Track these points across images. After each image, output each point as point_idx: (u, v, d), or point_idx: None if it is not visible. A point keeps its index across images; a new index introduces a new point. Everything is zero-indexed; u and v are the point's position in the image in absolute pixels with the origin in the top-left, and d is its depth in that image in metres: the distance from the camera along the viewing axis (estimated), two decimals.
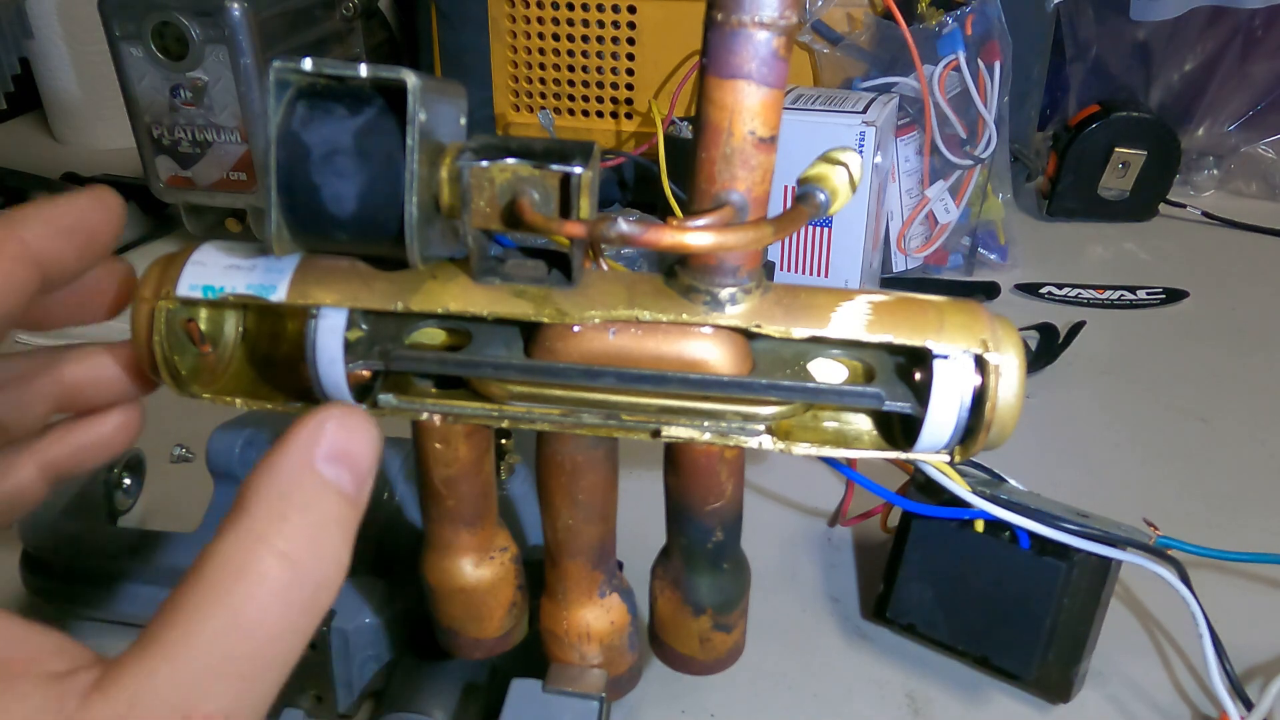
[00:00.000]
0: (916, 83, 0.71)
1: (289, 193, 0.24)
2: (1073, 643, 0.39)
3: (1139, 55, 0.97)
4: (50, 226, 0.25)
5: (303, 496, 0.20)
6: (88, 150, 1.07)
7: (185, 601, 0.19)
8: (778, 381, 0.27)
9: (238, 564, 0.19)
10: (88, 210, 0.26)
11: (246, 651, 0.19)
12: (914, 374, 0.28)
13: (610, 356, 0.27)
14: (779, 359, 0.29)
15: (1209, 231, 0.89)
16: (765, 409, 0.28)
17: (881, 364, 0.28)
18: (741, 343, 0.28)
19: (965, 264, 0.79)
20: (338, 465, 0.21)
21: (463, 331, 0.29)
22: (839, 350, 0.29)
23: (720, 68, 0.24)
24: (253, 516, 0.20)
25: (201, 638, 0.19)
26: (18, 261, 0.24)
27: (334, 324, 0.27)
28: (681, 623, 0.33)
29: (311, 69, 0.24)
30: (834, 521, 0.52)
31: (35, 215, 0.25)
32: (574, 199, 0.25)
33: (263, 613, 0.19)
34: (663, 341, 0.27)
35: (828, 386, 0.27)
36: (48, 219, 0.25)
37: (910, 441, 0.28)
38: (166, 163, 0.73)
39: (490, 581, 0.33)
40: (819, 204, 0.25)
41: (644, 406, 0.28)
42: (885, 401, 0.27)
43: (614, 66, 0.84)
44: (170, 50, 0.69)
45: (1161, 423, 0.61)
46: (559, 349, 0.27)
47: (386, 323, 0.29)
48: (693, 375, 0.27)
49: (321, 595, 0.20)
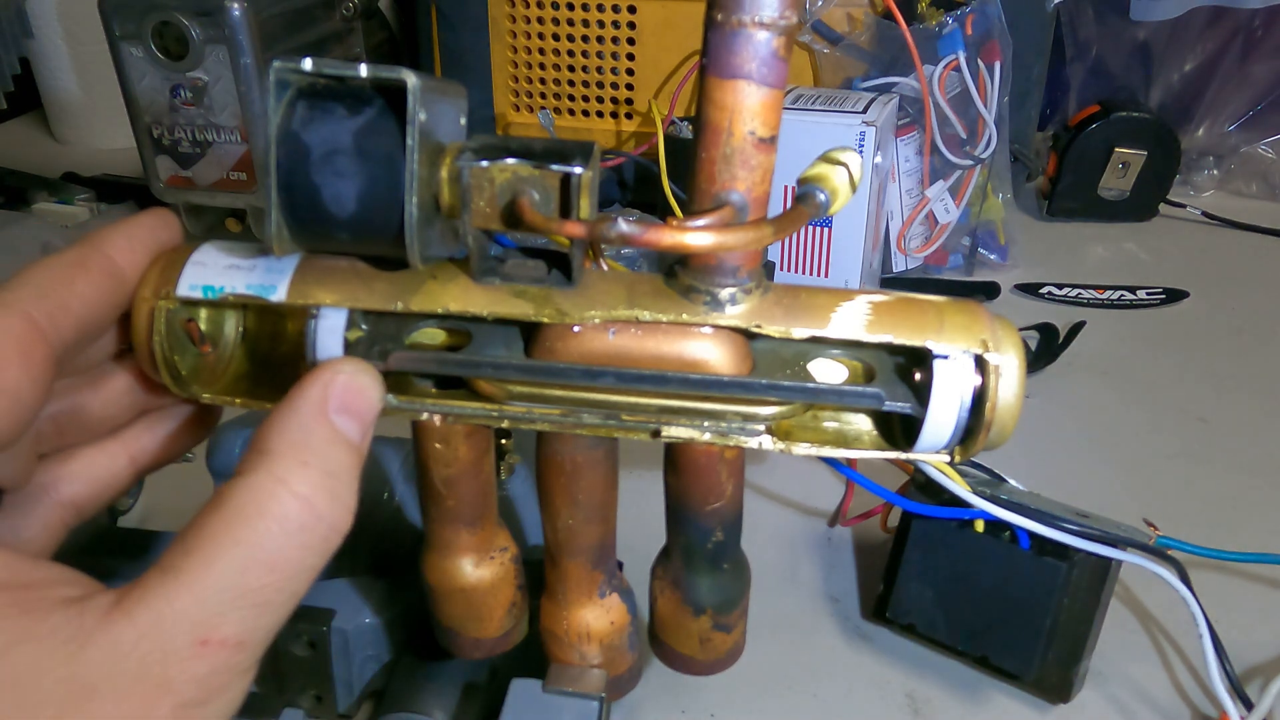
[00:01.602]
0: (916, 83, 0.71)
1: (289, 193, 0.24)
2: (1073, 643, 0.39)
3: (1139, 55, 0.97)
4: (130, 241, 0.27)
5: (319, 444, 0.22)
6: (88, 150, 1.07)
7: (206, 533, 0.20)
8: (777, 382, 0.27)
9: (259, 503, 0.21)
10: (158, 227, 0.28)
11: (264, 584, 0.20)
12: (914, 374, 0.28)
13: (610, 356, 0.27)
14: (779, 359, 0.29)
15: (1209, 231, 0.89)
16: (765, 409, 0.28)
17: (881, 364, 0.28)
18: (741, 343, 0.28)
19: (965, 264, 0.79)
20: (348, 416, 0.23)
21: (463, 332, 0.29)
22: (839, 350, 0.29)
23: (720, 68, 0.24)
24: (273, 459, 0.21)
25: (223, 568, 0.20)
26: (107, 275, 0.26)
27: (334, 324, 0.27)
28: (681, 623, 0.33)
29: (311, 69, 0.24)
30: (834, 521, 0.52)
31: (116, 232, 0.27)
32: (574, 199, 0.25)
33: (281, 549, 0.21)
34: (662, 342, 0.27)
35: (828, 387, 0.27)
36: (127, 234, 0.27)
37: (910, 442, 0.28)
38: (166, 163, 0.73)
39: (490, 581, 0.33)
40: (819, 204, 0.25)
41: (643, 407, 0.28)
42: (885, 402, 0.27)
43: (614, 66, 0.84)
44: (170, 50, 0.69)
45: (1161, 423, 0.61)
46: (559, 349, 0.27)
47: (386, 323, 0.29)
48: (693, 375, 0.27)
49: (333, 537, 0.22)
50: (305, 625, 0.37)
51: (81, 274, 0.26)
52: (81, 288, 0.25)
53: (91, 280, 0.26)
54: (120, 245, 0.27)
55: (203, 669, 0.20)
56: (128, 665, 0.19)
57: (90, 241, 0.26)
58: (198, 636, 0.20)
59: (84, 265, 0.26)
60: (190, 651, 0.20)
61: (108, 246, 0.26)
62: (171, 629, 0.19)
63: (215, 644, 0.20)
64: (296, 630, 0.37)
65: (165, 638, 0.19)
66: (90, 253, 0.26)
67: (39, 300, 0.24)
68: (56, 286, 0.25)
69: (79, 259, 0.26)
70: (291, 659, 0.37)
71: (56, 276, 0.25)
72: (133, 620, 0.19)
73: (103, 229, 0.27)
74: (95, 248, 0.26)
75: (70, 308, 0.25)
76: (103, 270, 0.26)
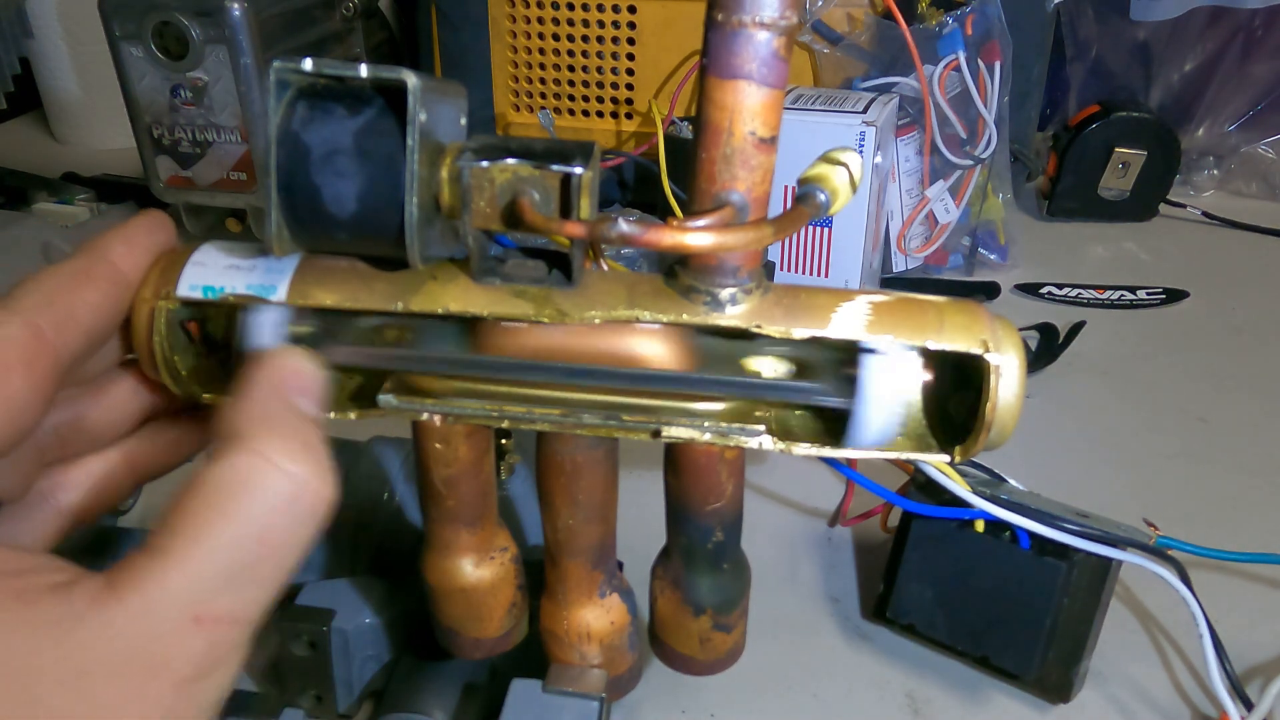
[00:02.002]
0: (916, 83, 0.71)
1: (289, 193, 0.24)
2: (1073, 643, 0.39)
3: (1139, 55, 0.97)
4: (130, 245, 0.27)
5: (291, 420, 0.22)
6: (88, 150, 1.07)
7: (192, 513, 0.21)
8: (715, 376, 0.27)
9: (244, 479, 0.21)
10: (155, 229, 0.28)
11: (256, 558, 0.21)
12: (852, 370, 0.28)
13: (548, 352, 0.27)
14: (722, 356, 0.29)
15: (1209, 231, 0.89)
16: (706, 405, 0.28)
17: (823, 361, 0.29)
18: (683, 339, 0.28)
19: (965, 264, 0.79)
20: (303, 396, 0.24)
21: (408, 328, 0.29)
22: (782, 348, 0.29)
23: (720, 68, 0.24)
24: (249, 439, 0.21)
25: (212, 545, 0.20)
26: (112, 282, 0.26)
27: (264, 317, 0.27)
28: (681, 623, 0.33)
29: (311, 69, 0.24)
30: (834, 521, 0.52)
31: (116, 238, 0.27)
32: (574, 199, 0.25)
33: (272, 523, 0.21)
34: (600, 337, 0.27)
35: (764, 381, 0.28)
36: (126, 239, 0.27)
37: (846, 436, 0.28)
38: (166, 163, 0.73)
39: (490, 581, 0.33)
40: (819, 204, 0.25)
41: (581, 402, 0.28)
42: (820, 396, 0.27)
43: (614, 66, 0.84)
44: (170, 50, 0.69)
45: (1161, 423, 0.61)
46: (497, 345, 0.28)
47: (330, 320, 0.29)
48: (630, 370, 0.27)
49: (319, 508, 0.22)
50: (305, 625, 0.37)
51: (87, 282, 0.26)
52: (88, 295, 0.26)
53: (98, 288, 0.26)
54: (121, 251, 0.27)
55: (199, 645, 0.20)
56: (120, 645, 0.19)
57: (92, 249, 0.27)
58: (192, 614, 0.20)
59: (89, 273, 0.26)
60: (185, 629, 0.20)
61: (110, 253, 0.27)
62: (164, 608, 0.20)
63: (210, 621, 0.20)
64: (296, 630, 0.37)
65: (158, 617, 0.19)
66: (94, 260, 0.26)
67: (45, 309, 0.24)
68: (63, 295, 0.25)
69: (84, 267, 0.26)
70: (291, 659, 0.37)
71: (62, 285, 0.25)
72: (123, 602, 0.19)
73: (101, 235, 0.27)
74: (98, 255, 0.26)
75: (77, 316, 0.25)
76: (108, 277, 0.26)
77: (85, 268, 0.26)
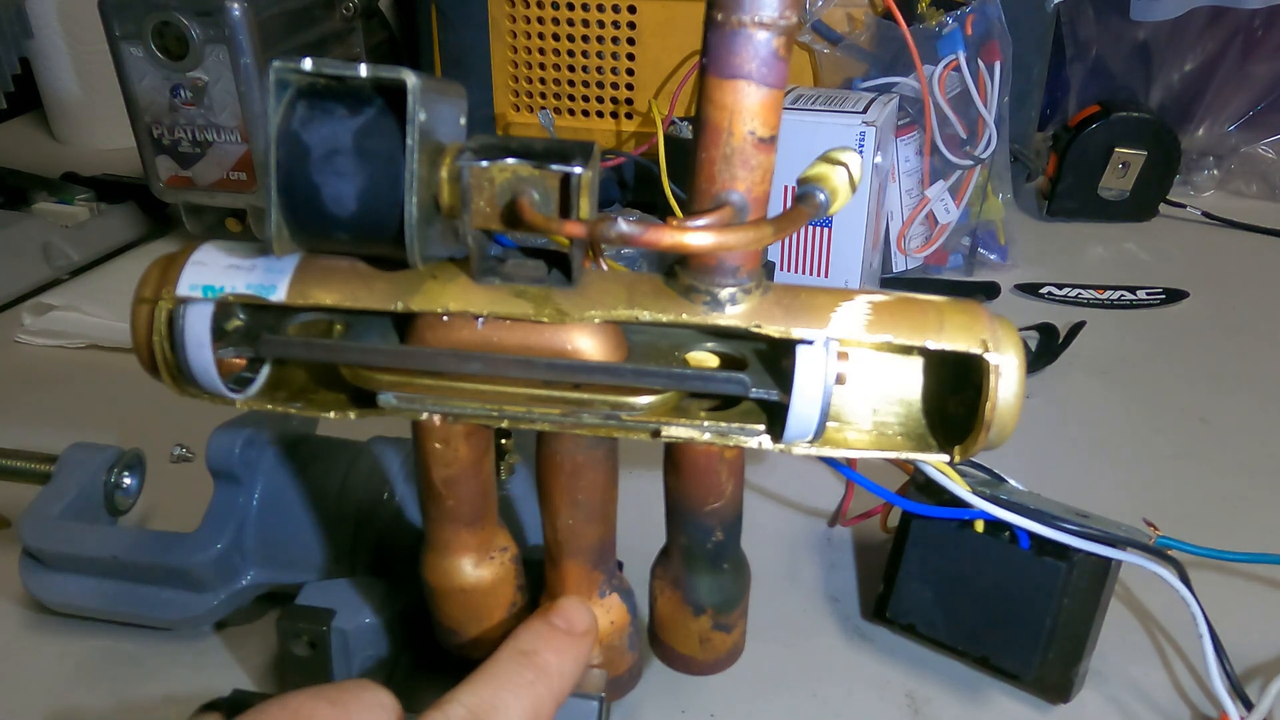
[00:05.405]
0: (916, 83, 0.71)
1: (289, 193, 0.24)
2: (1073, 643, 0.39)
3: (1139, 55, 0.97)
4: None
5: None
6: (88, 150, 1.07)
7: None
8: (643, 368, 0.27)
9: None
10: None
11: None
12: (783, 363, 0.28)
13: (479, 345, 0.28)
14: (656, 350, 0.29)
15: (1209, 231, 0.89)
16: (637, 399, 0.28)
17: (755, 354, 0.29)
18: (614, 333, 0.28)
19: (965, 264, 0.79)
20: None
21: (341, 322, 0.29)
22: (714, 343, 0.29)
23: (720, 68, 0.24)
24: None
25: None
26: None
27: (201, 310, 0.27)
28: (681, 623, 0.33)
29: (311, 69, 0.24)
30: (834, 521, 0.52)
31: None
32: (574, 199, 0.25)
33: None
34: (530, 331, 0.27)
35: (693, 373, 0.28)
36: None
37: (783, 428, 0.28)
38: (166, 163, 0.73)
39: (490, 581, 0.33)
40: (819, 204, 0.25)
41: (515, 396, 0.28)
42: (750, 389, 0.27)
43: (614, 66, 0.84)
44: (170, 50, 0.69)
45: (1161, 423, 0.61)
46: (429, 338, 0.28)
47: (264, 313, 0.29)
48: (559, 361, 0.27)
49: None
50: (305, 625, 0.37)
51: None
52: None
53: None
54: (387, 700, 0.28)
55: None
56: None
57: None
58: None
59: None
60: None
61: (381, 693, 0.29)
62: None
63: None
64: (296, 630, 0.37)
65: None
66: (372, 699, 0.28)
67: None
68: None
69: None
70: (291, 659, 0.37)
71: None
72: None
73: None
74: (375, 693, 0.28)
75: None
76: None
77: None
